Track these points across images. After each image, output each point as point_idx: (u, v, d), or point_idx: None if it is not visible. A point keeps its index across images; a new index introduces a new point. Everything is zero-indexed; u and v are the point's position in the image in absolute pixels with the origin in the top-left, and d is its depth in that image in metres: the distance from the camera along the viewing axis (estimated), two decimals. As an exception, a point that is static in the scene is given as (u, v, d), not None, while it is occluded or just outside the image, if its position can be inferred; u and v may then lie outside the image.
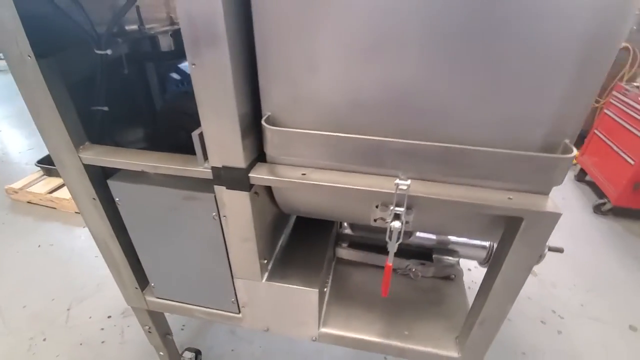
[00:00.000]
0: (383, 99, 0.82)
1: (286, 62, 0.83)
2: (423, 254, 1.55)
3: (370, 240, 1.54)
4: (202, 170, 0.97)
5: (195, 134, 0.92)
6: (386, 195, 0.89)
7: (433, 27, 0.72)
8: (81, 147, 1.04)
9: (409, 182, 0.84)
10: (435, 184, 0.89)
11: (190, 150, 1.25)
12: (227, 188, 0.98)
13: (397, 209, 0.88)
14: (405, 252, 1.56)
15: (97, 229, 1.19)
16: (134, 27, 1.25)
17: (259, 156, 1.00)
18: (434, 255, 1.53)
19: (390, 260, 0.95)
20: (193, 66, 0.80)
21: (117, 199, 1.12)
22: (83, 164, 1.04)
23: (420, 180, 0.89)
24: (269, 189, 1.10)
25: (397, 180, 0.84)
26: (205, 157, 0.96)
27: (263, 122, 0.87)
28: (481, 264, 1.51)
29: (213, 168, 0.95)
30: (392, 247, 0.92)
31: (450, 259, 1.52)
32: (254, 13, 0.78)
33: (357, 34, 0.76)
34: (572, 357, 1.90)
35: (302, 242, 1.39)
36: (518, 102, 0.77)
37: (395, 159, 0.84)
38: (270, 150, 0.92)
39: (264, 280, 1.19)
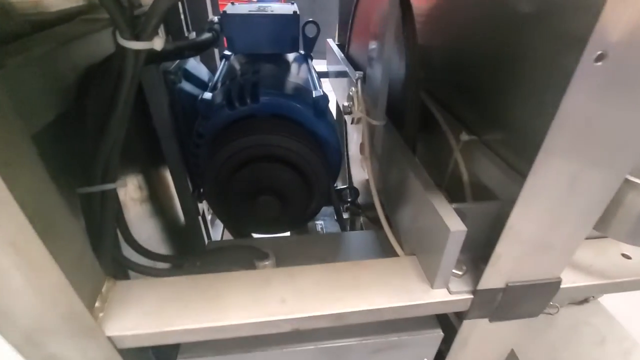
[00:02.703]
0: None
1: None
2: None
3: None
4: (446, 302, 0.43)
5: (456, 230, 0.38)
6: None
7: None
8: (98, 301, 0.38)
9: None
10: None
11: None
12: (493, 320, 0.46)
13: None
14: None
15: None
16: None
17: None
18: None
19: None
20: (598, 64, 0.26)
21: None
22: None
23: None
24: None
25: None
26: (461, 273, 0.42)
27: None
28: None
29: (480, 292, 0.42)
30: None
31: (579, 276, 1.22)
32: None
33: None
34: None
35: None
36: None
37: None
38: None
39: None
